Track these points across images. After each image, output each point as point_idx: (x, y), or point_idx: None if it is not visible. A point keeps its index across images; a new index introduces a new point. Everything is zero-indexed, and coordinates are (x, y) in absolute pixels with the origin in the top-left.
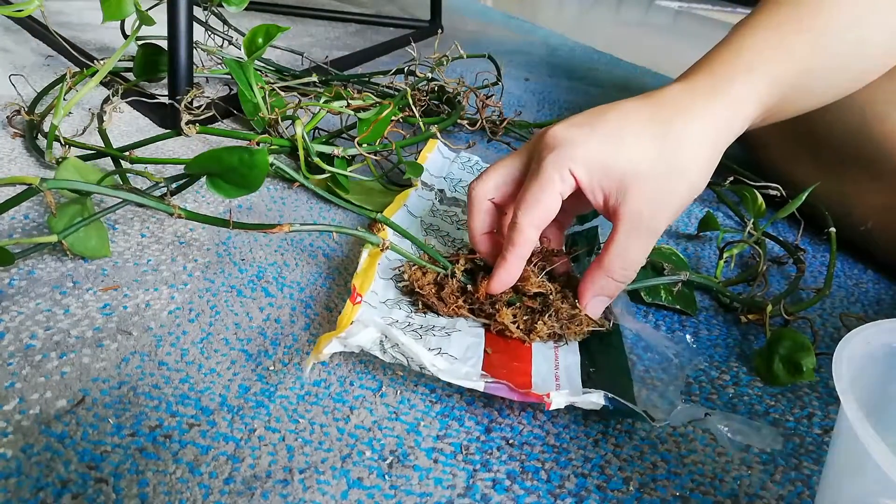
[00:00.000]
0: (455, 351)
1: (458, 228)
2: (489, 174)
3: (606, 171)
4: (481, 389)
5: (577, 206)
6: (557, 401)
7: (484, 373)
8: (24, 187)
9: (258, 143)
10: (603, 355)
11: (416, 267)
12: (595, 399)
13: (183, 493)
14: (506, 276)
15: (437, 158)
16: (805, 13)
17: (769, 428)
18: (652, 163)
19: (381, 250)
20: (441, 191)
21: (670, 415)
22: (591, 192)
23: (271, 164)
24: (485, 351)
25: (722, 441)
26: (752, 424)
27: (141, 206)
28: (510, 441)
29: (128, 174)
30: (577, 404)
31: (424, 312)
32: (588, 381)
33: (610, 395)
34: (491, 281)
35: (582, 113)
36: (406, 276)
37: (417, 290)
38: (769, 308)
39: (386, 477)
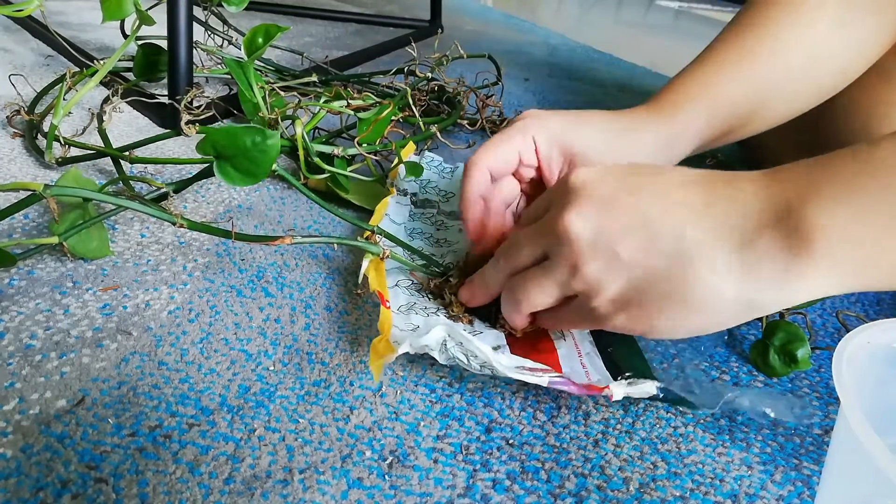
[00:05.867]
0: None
1: (438, 229)
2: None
3: (562, 145)
4: (545, 385)
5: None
6: (618, 392)
7: (548, 367)
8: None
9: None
10: (612, 336)
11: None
12: (648, 389)
13: (183, 493)
14: (465, 210)
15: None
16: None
17: (798, 401)
18: (603, 149)
19: (381, 259)
20: (413, 194)
21: (707, 400)
22: (546, 162)
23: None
24: (508, 345)
25: (757, 418)
26: (784, 399)
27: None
28: (510, 441)
29: (131, 181)
30: (632, 395)
31: (437, 315)
32: (609, 364)
33: (661, 384)
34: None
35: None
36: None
37: (442, 292)
38: None
39: (386, 477)
